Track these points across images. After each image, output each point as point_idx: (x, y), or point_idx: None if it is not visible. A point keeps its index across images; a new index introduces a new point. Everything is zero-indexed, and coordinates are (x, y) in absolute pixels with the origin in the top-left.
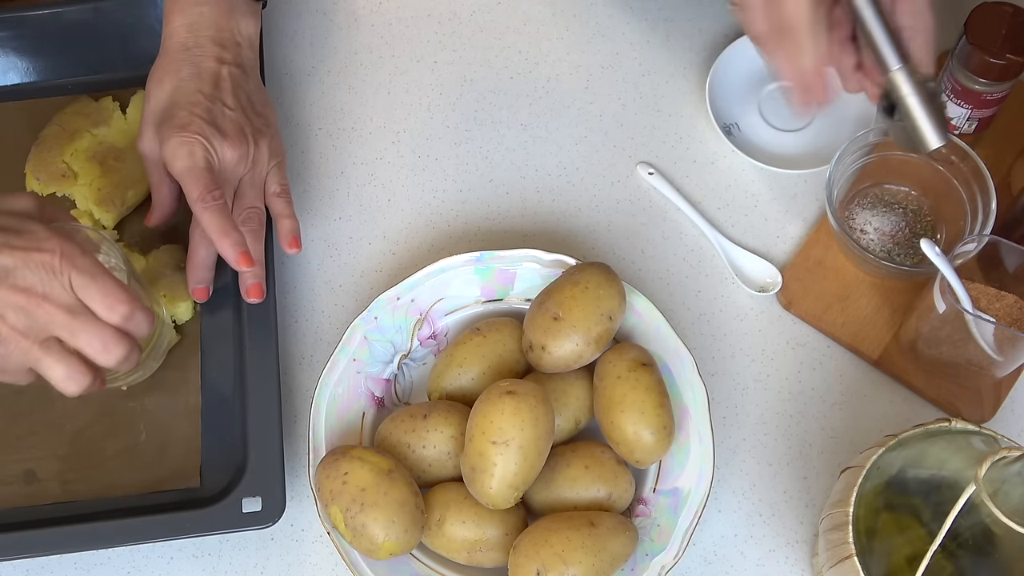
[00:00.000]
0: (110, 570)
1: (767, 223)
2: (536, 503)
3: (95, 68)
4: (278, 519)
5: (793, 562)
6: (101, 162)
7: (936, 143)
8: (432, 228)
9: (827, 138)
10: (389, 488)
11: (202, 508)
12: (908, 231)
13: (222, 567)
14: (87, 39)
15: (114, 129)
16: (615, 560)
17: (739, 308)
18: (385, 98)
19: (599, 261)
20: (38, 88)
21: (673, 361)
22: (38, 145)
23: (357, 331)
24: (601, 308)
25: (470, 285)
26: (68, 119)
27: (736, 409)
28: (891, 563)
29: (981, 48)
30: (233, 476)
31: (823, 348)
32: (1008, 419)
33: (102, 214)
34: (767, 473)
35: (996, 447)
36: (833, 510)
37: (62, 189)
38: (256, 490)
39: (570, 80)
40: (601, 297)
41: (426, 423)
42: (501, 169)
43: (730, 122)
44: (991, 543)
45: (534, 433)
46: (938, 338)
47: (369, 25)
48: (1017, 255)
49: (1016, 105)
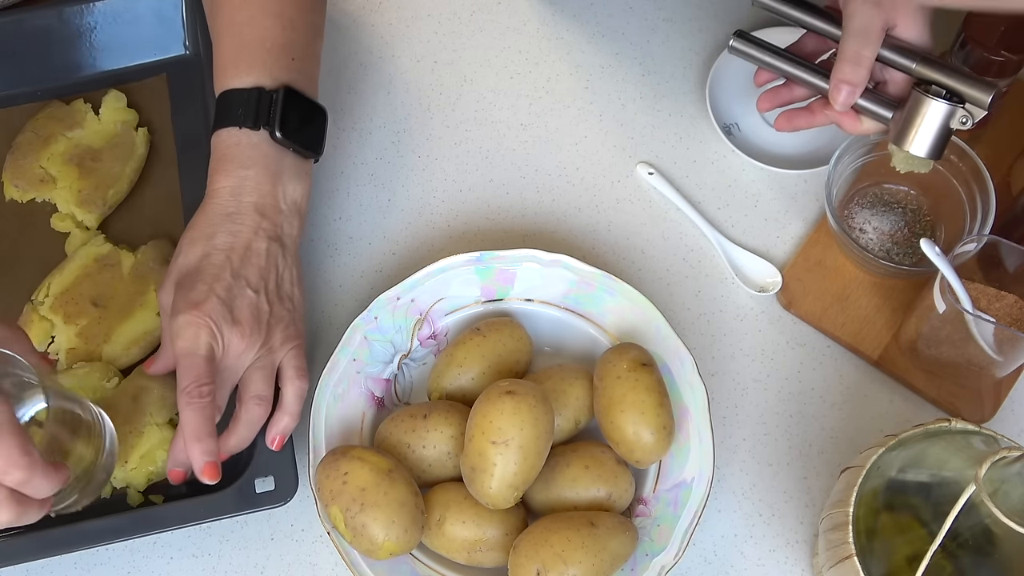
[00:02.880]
0: (110, 570)
1: (767, 223)
2: (536, 503)
3: (64, 73)
4: (291, 497)
5: (793, 562)
6: (79, 164)
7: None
8: (432, 228)
9: (827, 138)
10: (389, 488)
11: (215, 493)
12: (907, 231)
13: (222, 567)
14: (53, 44)
15: (88, 131)
16: (615, 560)
17: (739, 308)
18: (385, 98)
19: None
20: (7, 97)
21: (673, 361)
22: (13, 152)
23: (357, 331)
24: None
25: (470, 285)
26: (41, 124)
27: (736, 409)
28: (891, 563)
29: (979, 45)
30: (243, 458)
31: (823, 348)
32: (1008, 419)
33: (84, 215)
34: (767, 473)
35: (996, 447)
36: (833, 510)
37: (41, 194)
38: (268, 470)
39: (570, 80)
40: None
41: (426, 423)
42: (501, 169)
43: (730, 122)
44: (991, 543)
45: (534, 433)
46: (938, 338)
47: (369, 25)
48: (1017, 255)
49: (1015, 104)
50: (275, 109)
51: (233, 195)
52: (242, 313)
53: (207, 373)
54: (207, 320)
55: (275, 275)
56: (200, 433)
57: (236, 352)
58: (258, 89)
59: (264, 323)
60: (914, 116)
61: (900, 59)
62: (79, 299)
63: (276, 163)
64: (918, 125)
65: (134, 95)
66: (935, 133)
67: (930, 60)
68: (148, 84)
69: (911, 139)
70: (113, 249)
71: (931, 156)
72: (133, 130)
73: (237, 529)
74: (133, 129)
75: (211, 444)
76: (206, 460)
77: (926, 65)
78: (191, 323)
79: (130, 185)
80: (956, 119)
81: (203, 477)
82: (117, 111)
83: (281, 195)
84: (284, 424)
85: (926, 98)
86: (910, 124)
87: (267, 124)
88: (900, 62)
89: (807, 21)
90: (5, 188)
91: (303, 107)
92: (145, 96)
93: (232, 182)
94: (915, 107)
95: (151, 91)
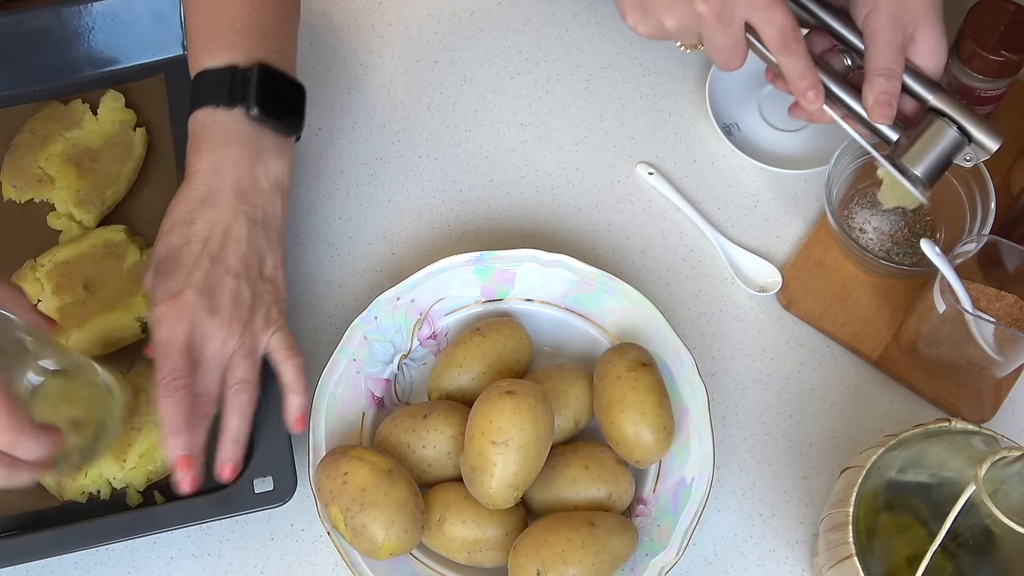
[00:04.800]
0: (110, 570)
1: (767, 223)
2: (536, 503)
3: (62, 73)
4: (290, 497)
5: (793, 562)
6: (77, 164)
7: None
8: (432, 228)
9: (827, 138)
10: (389, 488)
11: (214, 493)
12: (907, 231)
13: (222, 567)
14: (51, 44)
15: (86, 131)
16: (615, 560)
17: (739, 308)
18: (385, 98)
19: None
20: (5, 97)
21: (673, 361)
22: (11, 152)
23: (357, 331)
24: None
25: (470, 285)
26: (39, 125)
27: (736, 409)
28: (891, 563)
29: (979, 45)
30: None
31: (823, 348)
32: (1008, 419)
33: (83, 215)
34: (767, 473)
35: (996, 447)
36: (833, 510)
37: (40, 194)
38: (266, 470)
39: (570, 80)
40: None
41: (426, 423)
42: (501, 169)
43: (730, 122)
44: (991, 543)
45: (534, 433)
46: (938, 338)
47: (369, 25)
48: (1017, 255)
49: (1015, 104)
50: (249, 86)
51: (211, 176)
52: (221, 301)
53: (183, 365)
54: (183, 311)
55: (257, 259)
56: (176, 427)
57: (218, 341)
58: (232, 67)
59: (246, 308)
60: (923, 135)
61: (918, 88)
62: (73, 276)
63: (254, 141)
64: (924, 144)
65: (132, 95)
66: (937, 157)
67: (948, 94)
68: (146, 84)
69: (914, 156)
70: (125, 241)
71: (927, 178)
72: (131, 130)
73: (237, 529)
74: (131, 129)
75: (186, 438)
76: (180, 453)
77: (943, 98)
78: (167, 315)
79: (128, 185)
80: (962, 154)
81: (178, 470)
82: (115, 111)
83: (262, 173)
84: (295, 403)
85: (941, 122)
86: (916, 142)
87: (242, 101)
88: (917, 91)
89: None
90: (3, 188)
91: (280, 84)
92: (143, 96)
93: (210, 163)
94: (927, 128)
95: (149, 91)
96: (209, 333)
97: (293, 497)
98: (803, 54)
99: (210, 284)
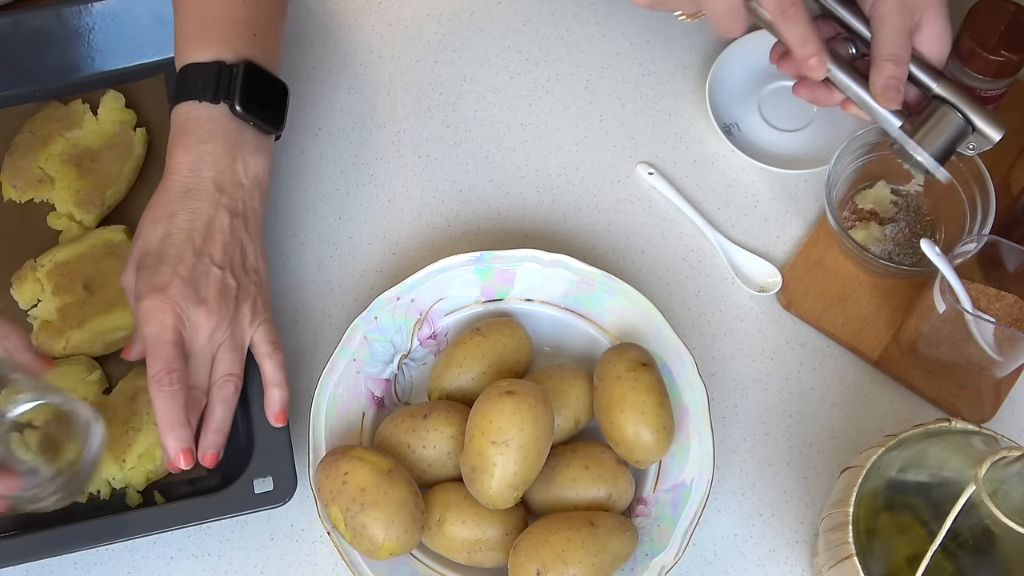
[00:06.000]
0: (110, 570)
1: (767, 223)
2: (536, 503)
3: (62, 73)
4: (290, 497)
5: (793, 562)
6: (77, 164)
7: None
8: (432, 228)
9: (827, 138)
10: (389, 488)
11: (214, 493)
12: (907, 231)
13: (222, 567)
14: (51, 45)
15: (87, 131)
16: (615, 560)
17: (739, 308)
18: (385, 98)
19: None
20: (5, 97)
21: (673, 361)
22: (11, 153)
23: (357, 331)
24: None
25: (470, 285)
26: (39, 125)
27: (736, 409)
28: (891, 563)
29: (979, 44)
30: (242, 459)
31: (823, 348)
32: (1008, 419)
33: (83, 215)
34: (767, 473)
35: (996, 447)
36: (833, 510)
37: (40, 195)
38: (266, 470)
39: (570, 80)
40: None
41: (426, 423)
42: (501, 169)
43: (730, 122)
44: (991, 543)
45: (534, 433)
46: (938, 338)
47: (369, 25)
48: (1017, 255)
49: (1015, 104)
50: (235, 83)
51: (192, 170)
52: (208, 291)
53: (176, 358)
54: (172, 304)
55: (239, 250)
56: (172, 421)
57: (206, 332)
58: (219, 63)
59: (232, 298)
60: (928, 120)
61: (923, 76)
62: (73, 276)
63: (235, 137)
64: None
65: (132, 95)
66: (943, 143)
67: (951, 82)
68: (146, 84)
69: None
70: (125, 241)
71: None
72: (131, 130)
73: (237, 529)
74: (131, 129)
75: (184, 432)
76: (179, 447)
77: (947, 86)
78: (156, 308)
79: (128, 185)
80: (966, 142)
81: (178, 464)
82: (115, 111)
83: (241, 169)
84: (276, 397)
85: (946, 108)
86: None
87: (227, 98)
88: (922, 79)
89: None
90: (3, 188)
91: (264, 82)
92: (143, 96)
93: (191, 157)
94: (932, 114)
95: (149, 91)
96: (198, 325)
97: (293, 497)
98: (803, 20)
99: (196, 276)
